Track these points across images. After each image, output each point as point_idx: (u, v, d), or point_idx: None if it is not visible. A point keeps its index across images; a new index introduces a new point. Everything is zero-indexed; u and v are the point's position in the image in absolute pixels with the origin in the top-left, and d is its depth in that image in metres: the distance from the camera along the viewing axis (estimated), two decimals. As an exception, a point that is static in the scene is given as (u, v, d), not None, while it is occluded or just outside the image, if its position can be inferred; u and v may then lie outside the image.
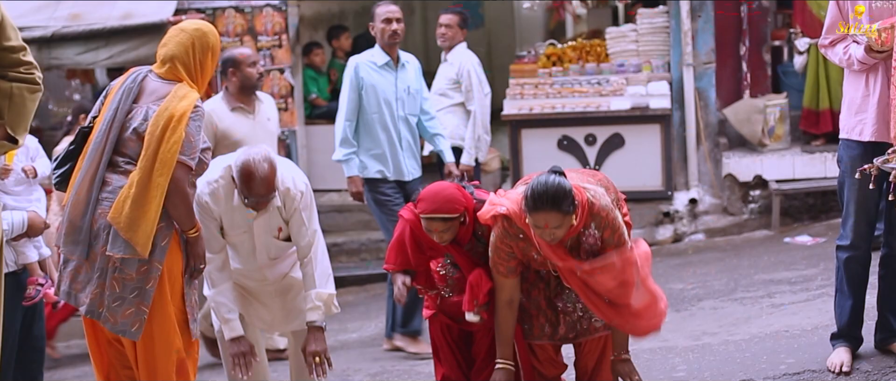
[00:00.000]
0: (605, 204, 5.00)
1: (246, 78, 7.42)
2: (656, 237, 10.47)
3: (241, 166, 5.39)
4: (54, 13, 10.32)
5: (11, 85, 4.13)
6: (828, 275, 7.83)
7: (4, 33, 4.12)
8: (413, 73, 7.81)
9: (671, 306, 7.91)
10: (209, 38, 5.27)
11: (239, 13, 10.74)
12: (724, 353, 6.41)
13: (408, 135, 7.74)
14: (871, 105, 5.27)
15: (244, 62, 7.43)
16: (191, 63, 5.21)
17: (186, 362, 5.24)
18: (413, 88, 7.75)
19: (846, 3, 5.32)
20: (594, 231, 5.01)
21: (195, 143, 5.03)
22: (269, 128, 7.63)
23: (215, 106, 7.40)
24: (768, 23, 10.85)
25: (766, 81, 10.88)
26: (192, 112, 5.03)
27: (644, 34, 10.76)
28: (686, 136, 10.58)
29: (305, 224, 5.67)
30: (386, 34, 7.63)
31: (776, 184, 10.23)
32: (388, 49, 7.67)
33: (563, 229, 4.87)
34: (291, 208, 5.63)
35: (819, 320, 6.76)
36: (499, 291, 5.20)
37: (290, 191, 5.60)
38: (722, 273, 8.83)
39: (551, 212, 4.81)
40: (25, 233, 6.14)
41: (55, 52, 10.03)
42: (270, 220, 5.64)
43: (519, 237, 5.05)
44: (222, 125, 7.34)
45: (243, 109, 7.44)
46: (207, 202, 5.54)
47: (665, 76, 10.61)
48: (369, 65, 7.66)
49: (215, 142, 7.30)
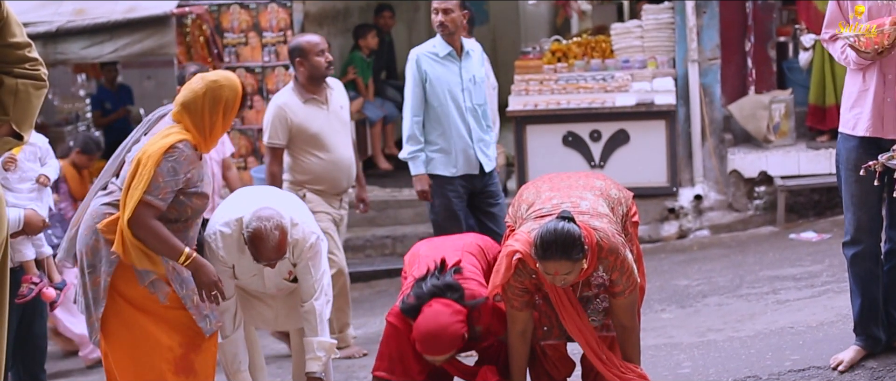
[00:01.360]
0: (612, 246, 4.97)
1: (314, 68, 7.22)
2: (661, 234, 10.47)
3: (252, 234, 5.36)
4: (59, 8, 10.34)
5: (17, 81, 4.12)
6: (833, 271, 7.83)
7: (9, 29, 4.11)
8: (477, 61, 7.56)
9: (676, 303, 7.92)
10: (223, 91, 5.22)
11: (244, 9, 10.74)
12: (729, 349, 6.41)
13: (477, 126, 7.47)
14: (867, 100, 5.29)
15: (311, 51, 7.22)
16: (198, 112, 5.21)
17: (190, 356, 5.30)
18: (478, 77, 7.50)
19: (846, 2, 5.33)
20: (602, 274, 5.02)
21: (164, 184, 5.06)
22: (343, 117, 7.45)
23: (287, 99, 7.26)
24: (773, 19, 10.83)
25: (771, 78, 10.85)
26: (167, 153, 5.07)
27: (649, 30, 10.74)
28: (691, 132, 10.57)
29: (311, 274, 5.68)
30: (435, 26, 7.43)
31: (781, 180, 10.22)
32: (447, 39, 7.39)
33: (574, 275, 4.89)
34: (298, 257, 5.64)
35: (824, 316, 6.75)
36: (511, 323, 5.20)
37: (299, 243, 5.59)
38: (727, 270, 8.82)
39: (561, 260, 4.81)
40: (22, 231, 6.14)
41: (60, 48, 10.05)
42: (281, 266, 5.63)
43: (531, 276, 5.07)
44: (296, 120, 7.20)
45: (316, 99, 7.27)
46: (223, 257, 5.54)
47: (670, 72, 10.60)
48: (430, 56, 7.41)
49: (290, 137, 7.22)
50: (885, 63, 5.20)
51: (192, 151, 5.18)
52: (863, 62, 5.25)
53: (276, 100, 7.37)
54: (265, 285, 5.72)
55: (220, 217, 5.62)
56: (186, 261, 5.14)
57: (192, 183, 5.18)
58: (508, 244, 5.11)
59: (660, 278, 8.76)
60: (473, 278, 5.37)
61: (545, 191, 5.32)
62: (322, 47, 7.24)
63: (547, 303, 5.21)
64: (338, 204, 7.51)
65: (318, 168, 7.32)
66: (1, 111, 4.11)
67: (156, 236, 5.08)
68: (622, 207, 5.34)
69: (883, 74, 5.22)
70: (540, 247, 4.83)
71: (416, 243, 5.96)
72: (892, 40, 5.09)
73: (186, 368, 5.31)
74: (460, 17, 7.40)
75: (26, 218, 6.15)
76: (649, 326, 7.21)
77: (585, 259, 4.86)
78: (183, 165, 5.10)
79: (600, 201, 5.23)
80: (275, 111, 7.27)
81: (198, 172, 5.21)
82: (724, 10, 10.61)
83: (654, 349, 6.65)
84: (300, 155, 7.32)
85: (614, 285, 5.03)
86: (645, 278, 5.39)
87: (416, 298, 5.22)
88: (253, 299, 5.88)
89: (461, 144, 7.40)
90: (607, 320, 5.23)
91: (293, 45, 7.31)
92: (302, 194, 7.27)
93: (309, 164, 7.31)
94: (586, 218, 5.00)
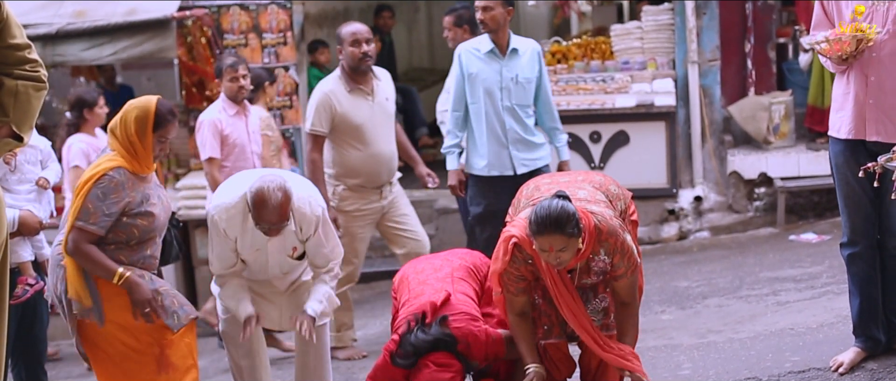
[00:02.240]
0: (611, 228, 5.00)
1: (347, 57, 7.24)
2: (661, 235, 10.47)
3: (254, 193, 5.42)
4: (59, 10, 10.34)
5: (17, 83, 4.12)
6: (833, 273, 7.83)
7: (9, 31, 4.12)
8: (526, 60, 7.29)
9: (676, 304, 7.91)
10: (133, 113, 5.38)
11: (244, 10, 10.74)
12: (729, 351, 6.40)
13: (517, 126, 7.24)
14: (849, 103, 5.32)
15: (345, 40, 7.24)
16: (122, 136, 5.38)
17: (166, 352, 5.45)
18: (523, 77, 7.24)
19: (831, 4, 5.36)
20: (604, 257, 5.04)
21: (94, 210, 5.24)
22: (388, 109, 7.43)
23: (333, 87, 7.27)
24: (773, 20, 10.83)
25: (771, 79, 10.85)
26: (97, 181, 5.25)
27: (649, 32, 10.74)
28: (691, 133, 10.57)
29: (324, 245, 5.72)
30: (478, 22, 7.30)
31: (781, 181, 10.22)
32: (490, 36, 7.23)
33: (569, 253, 4.90)
34: (308, 233, 5.66)
35: (824, 317, 6.75)
36: (510, 307, 5.23)
37: (306, 216, 5.61)
38: (727, 271, 8.81)
39: (555, 235, 4.84)
40: (18, 232, 6.14)
41: (59, 49, 10.05)
42: (285, 240, 5.65)
43: (527, 262, 5.09)
44: (340, 109, 7.20)
45: (361, 90, 7.26)
46: (224, 230, 5.58)
47: (670, 74, 10.59)
48: (473, 52, 7.26)
49: (332, 126, 7.21)
50: (866, 66, 5.22)
51: (127, 176, 5.31)
52: (839, 67, 5.29)
53: (322, 87, 7.39)
54: (268, 262, 5.71)
55: (223, 192, 5.70)
56: (120, 281, 5.28)
57: (133, 205, 5.32)
58: (506, 230, 5.16)
59: (660, 280, 8.76)
60: (464, 310, 5.30)
61: (545, 185, 5.40)
62: (358, 38, 7.23)
63: (546, 301, 5.23)
64: (378, 196, 7.49)
65: (357, 161, 7.33)
66: (1, 112, 4.12)
67: (89, 259, 5.28)
68: (621, 202, 5.38)
69: (865, 76, 5.23)
70: (534, 222, 4.87)
71: (404, 266, 5.90)
72: (853, 48, 5.14)
73: (166, 365, 5.45)
74: (503, 13, 7.21)
75: (21, 219, 6.16)
76: (649, 327, 7.20)
77: (582, 240, 4.90)
78: (114, 191, 5.26)
79: (599, 193, 5.29)
80: (320, 98, 7.29)
81: (140, 194, 5.35)
82: (724, 11, 10.61)
83: (653, 350, 6.65)
84: (340, 146, 7.33)
85: (615, 268, 5.08)
86: (642, 277, 5.40)
87: (407, 355, 5.18)
88: (259, 298, 5.88)
89: (495, 143, 7.26)
90: (607, 319, 5.25)
91: (337, 33, 7.31)
92: (339, 189, 7.26)
93: (348, 156, 7.32)
94: (584, 204, 5.06)
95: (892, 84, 5.18)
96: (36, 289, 6.30)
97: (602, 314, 5.23)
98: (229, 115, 7.88)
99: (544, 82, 7.40)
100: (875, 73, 5.20)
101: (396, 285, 5.69)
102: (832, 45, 5.17)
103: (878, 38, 5.14)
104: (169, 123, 5.38)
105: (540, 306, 5.26)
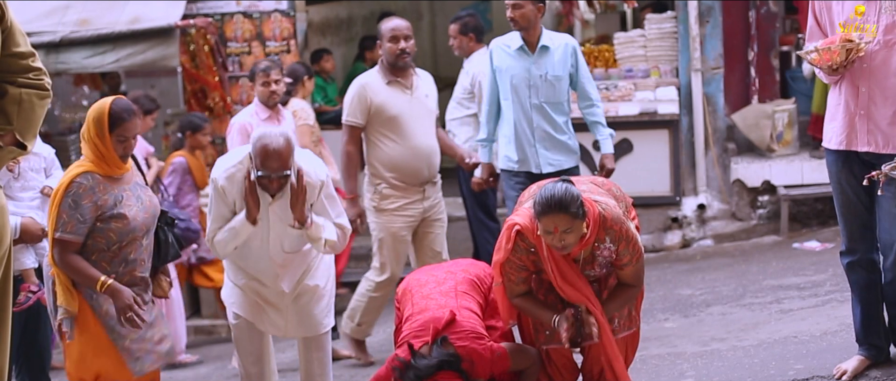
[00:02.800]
0: (616, 216, 5.03)
1: (386, 53, 7.24)
2: (664, 243, 10.46)
3: (256, 139, 5.51)
4: (63, 18, 10.35)
5: (20, 91, 4.13)
6: (837, 281, 7.82)
7: (13, 39, 4.12)
8: (559, 57, 7.23)
9: (679, 312, 7.91)
10: (91, 115, 5.40)
11: (247, 18, 10.76)
12: (733, 359, 6.40)
13: (545, 124, 7.24)
14: (841, 113, 5.35)
15: (384, 36, 7.24)
16: (87, 140, 5.41)
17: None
18: (552, 74, 7.18)
19: (824, 14, 5.37)
20: (609, 245, 5.05)
21: (68, 218, 5.29)
22: (428, 105, 7.40)
23: (371, 79, 7.27)
24: (776, 28, 10.84)
25: (774, 87, 10.86)
26: (67, 189, 5.30)
27: (652, 39, 10.74)
28: (694, 141, 10.57)
29: (329, 211, 5.74)
30: (509, 20, 7.23)
31: (785, 189, 10.21)
32: (522, 33, 7.18)
33: (574, 236, 4.90)
34: (311, 198, 5.66)
35: (828, 325, 6.75)
36: (511, 294, 5.25)
37: (311, 178, 5.63)
38: (730, 279, 8.81)
39: (560, 214, 4.86)
40: (20, 238, 6.15)
41: (63, 57, 10.06)
42: (287, 208, 5.63)
43: (530, 251, 5.09)
44: (377, 99, 7.18)
45: (400, 83, 7.25)
46: (223, 187, 5.62)
47: (673, 81, 10.59)
48: (503, 48, 7.25)
49: (368, 118, 7.20)
50: (858, 76, 5.24)
51: (97, 180, 5.34)
52: (831, 77, 5.32)
53: (359, 79, 7.40)
54: (270, 235, 5.69)
55: (227, 157, 5.80)
56: (103, 288, 5.32)
57: (105, 209, 5.34)
58: (509, 219, 5.18)
59: (663, 288, 8.76)
60: (468, 328, 5.26)
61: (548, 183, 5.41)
62: (397, 34, 7.22)
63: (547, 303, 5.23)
64: (421, 195, 7.45)
65: (395, 155, 7.28)
66: (4, 121, 4.13)
67: (73, 269, 5.34)
68: (622, 204, 5.39)
69: (856, 87, 5.26)
70: (538, 203, 4.91)
71: (408, 276, 5.87)
72: (842, 58, 5.15)
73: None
74: (534, 10, 7.15)
75: (24, 226, 6.16)
76: (653, 335, 7.21)
77: (586, 225, 4.92)
78: (84, 197, 5.29)
79: (601, 190, 5.34)
80: (356, 90, 7.30)
81: (112, 196, 5.36)
82: (728, 19, 10.61)
83: (657, 358, 6.65)
84: (377, 138, 7.29)
85: (621, 257, 5.10)
86: (643, 284, 5.40)
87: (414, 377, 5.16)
88: (264, 304, 5.87)
89: (523, 139, 7.26)
90: (613, 325, 5.24)
91: (378, 27, 7.31)
92: (381, 187, 7.22)
93: (385, 149, 7.28)
94: (588, 194, 5.10)
95: (882, 94, 5.19)
96: (39, 296, 6.30)
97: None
98: (261, 119, 7.84)
99: (581, 77, 7.34)
100: (866, 83, 5.22)
101: (400, 295, 5.68)
102: (822, 55, 5.20)
103: (868, 48, 5.16)
104: (124, 122, 5.35)
105: (557, 308, 5.25)
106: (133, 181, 5.52)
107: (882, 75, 5.18)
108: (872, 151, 5.22)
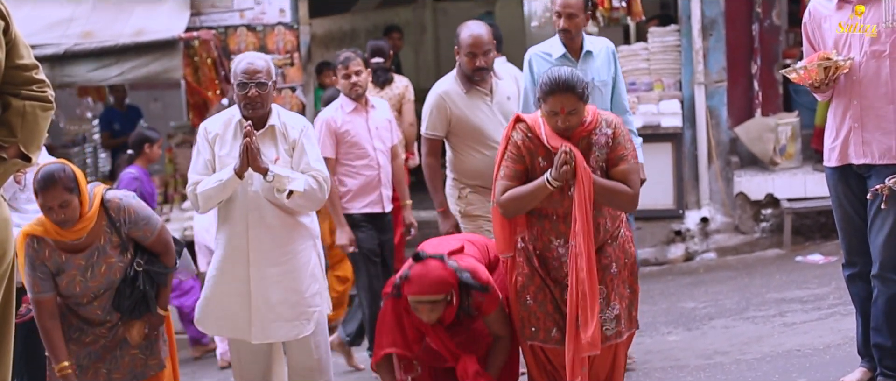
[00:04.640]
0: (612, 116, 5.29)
1: (462, 64, 6.81)
2: (668, 256, 10.45)
3: (237, 64, 5.88)
4: (67, 31, 10.38)
5: (24, 103, 4.14)
6: (839, 294, 7.81)
7: (17, 51, 4.13)
8: (601, 62, 6.86)
9: (683, 325, 7.90)
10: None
11: (251, 31, 10.78)
12: (736, 372, 6.39)
13: None
14: (835, 129, 5.41)
15: (462, 47, 6.76)
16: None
17: None
18: (599, 80, 6.78)
19: (816, 33, 5.44)
20: (606, 130, 5.17)
21: (32, 279, 5.41)
22: (509, 108, 6.88)
23: (448, 88, 6.87)
24: (780, 41, 10.84)
25: (777, 100, 10.86)
26: (24, 251, 5.39)
27: (656, 53, 10.75)
28: (697, 154, 10.57)
29: (306, 153, 5.84)
30: (557, 29, 6.85)
31: (788, 203, 10.21)
32: (565, 40, 6.79)
33: (577, 117, 5.07)
34: (293, 136, 5.85)
35: (831, 339, 6.74)
36: (504, 188, 5.25)
37: (293, 117, 5.98)
38: (733, 292, 8.80)
39: (566, 94, 5.03)
40: None
41: (67, 70, 10.09)
42: (266, 149, 5.74)
43: (529, 135, 5.19)
44: (457, 110, 6.79)
45: (479, 91, 6.83)
46: (207, 129, 5.85)
47: (676, 95, 10.60)
48: (542, 56, 6.79)
49: (449, 129, 6.84)
50: (850, 90, 5.30)
51: (40, 243, 5.37)
52: (823, 95, 5.40)
53: (437, 88, 6.97)
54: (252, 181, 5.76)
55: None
56: (60, 372, 5.38)
57: (54, 270, 5.39)
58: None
59: (666, 301, 8.75)
60: (473, 257, 5.46)
61: None
62: (475, 51, 6.72)
63: (536, 303, 5.25)
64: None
65: (482, 165, 6.80)
66: (8, 133, 4.13)
67: (46, 336, 5.45)
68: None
69: (849, 100, 5.31)
70: (546, 84, 5.08)
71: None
72: (822, 76, 5.20)
73: None
74: (584, 19, 6.86)
75: None
76: (655, 348, 7.20)
77: (586, 112, 5.13)
78: (35, 258, 5.39)
79: None
80: (434, 100, 6.89)
81: (56, 264, 5.39)
82: (731, 32, 10.62)
83: (660, 371, 6.64)
84: (461, 150, 6.92)
85: (617, 145, 5.18)
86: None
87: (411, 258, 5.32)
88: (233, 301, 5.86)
89: None
90: (620, 326, 5.23)
91: (457, 32, 6.88)
92: (466, 192, 6.95)
93: (470, 160, 6.88)
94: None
95: (874, 106, 5.24)
96: None
97: (614, 322, 5.22)
98: (346, 112, 7.53)
99: (618, 83, 7.00)
100: (858, 96, 5.28)
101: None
102: (802, 75, 5.27)
103: (856, 61, 5.20)
104: (44, 191, 5.17)
105: (530, 307, 5.27)
106: (94, 246, 5.41)
107: (872, 88, 5.24)
108: (868, 163, 5.25)
